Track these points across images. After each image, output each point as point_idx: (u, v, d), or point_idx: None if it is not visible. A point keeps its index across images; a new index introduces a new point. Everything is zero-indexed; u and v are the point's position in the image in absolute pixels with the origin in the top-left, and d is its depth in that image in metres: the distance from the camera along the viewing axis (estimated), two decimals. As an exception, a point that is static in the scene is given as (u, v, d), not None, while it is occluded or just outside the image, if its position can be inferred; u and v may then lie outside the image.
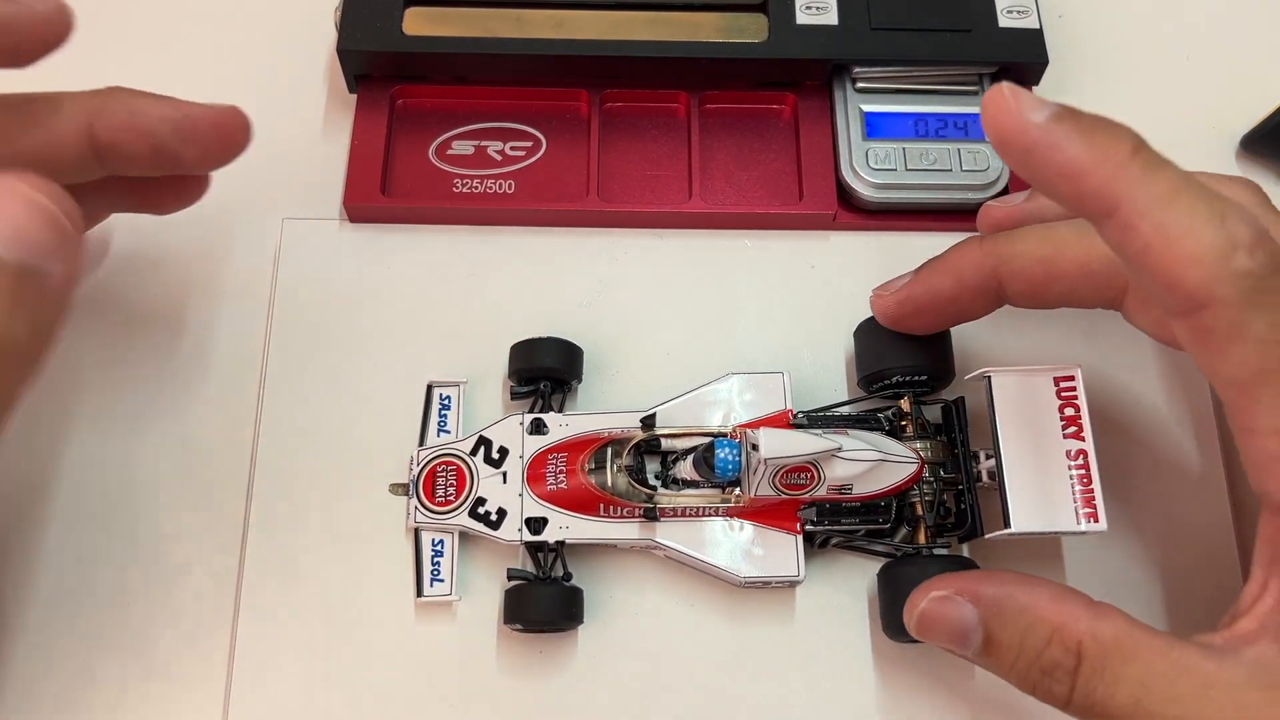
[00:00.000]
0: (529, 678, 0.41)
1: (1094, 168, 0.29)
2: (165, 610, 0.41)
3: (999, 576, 0.35)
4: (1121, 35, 0.54)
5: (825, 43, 0.48)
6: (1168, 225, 0.29)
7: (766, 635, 0.41)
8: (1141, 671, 0.31)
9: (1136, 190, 0.29)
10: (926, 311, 0.41)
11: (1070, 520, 0.37)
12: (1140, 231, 0.29)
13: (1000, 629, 0.34)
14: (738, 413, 0.42)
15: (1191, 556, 0.42)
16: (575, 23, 0.48)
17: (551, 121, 0.49)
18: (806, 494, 0.39)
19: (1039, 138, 0.30)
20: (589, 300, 0.47)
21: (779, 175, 0.49)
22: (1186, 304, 0.30)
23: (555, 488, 0.41)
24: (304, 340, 0.45)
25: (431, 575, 0.41)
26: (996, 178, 0.47)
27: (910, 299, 0.41)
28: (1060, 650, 0.33)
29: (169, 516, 0.43)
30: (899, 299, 0.41)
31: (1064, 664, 0.32)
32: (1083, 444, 0.38)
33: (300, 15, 0.52)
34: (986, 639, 0.34)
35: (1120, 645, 0.32)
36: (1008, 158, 0.31)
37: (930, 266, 0.41)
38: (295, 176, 0.48)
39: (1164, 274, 0.29)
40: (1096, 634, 0.32)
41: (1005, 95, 0.30)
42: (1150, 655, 0.31)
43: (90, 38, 0.52)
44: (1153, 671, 0.31)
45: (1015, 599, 0.34)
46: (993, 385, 0.39)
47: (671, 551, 0.40)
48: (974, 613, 0.34)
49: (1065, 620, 0.33)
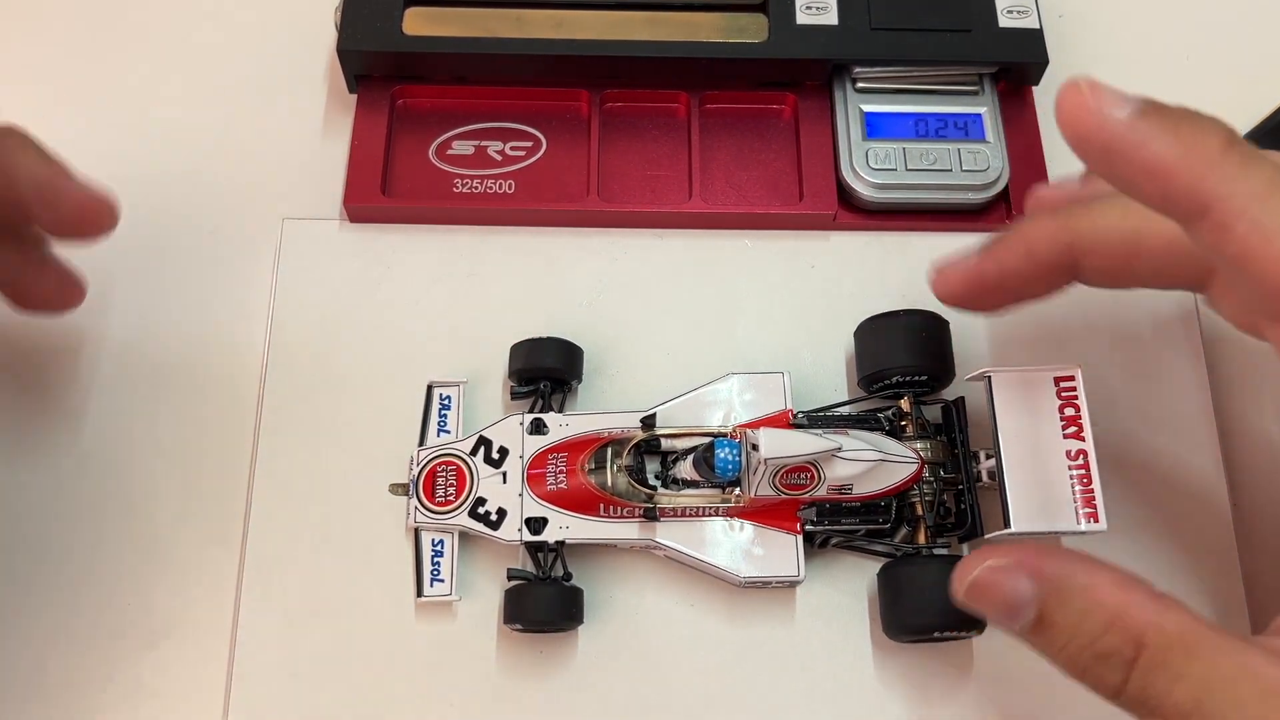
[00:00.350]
0: (529, 678, 0.41)
1: (1183, 165, 0.28)
2: (165, 610, 0.41)
3: (1062, 554, 0.33)
4: (1121, 35, 0.54)
5: (825, 43, 0.48)
6: (1266, 225, 0.27)
7: (766, 635, 0.41)
8: (1205, 670, 0.29)
9: (1231, 188, 0.27)
10: (995, 290, 0.38)
11: (1070, 520, 0.37)
12: (1237, 233, 0.28)
13: (1057, 608, 0.32)
14: (738, 413, 0.42)
15: (1191, 556, 0.42)
16: (575, 23, 0.48)
17: (551, 121, 0.49)
18: (806, 494, 0.39)
19: (1122, 134, 0.28)
20: (589, 300, 0.47)
21: (779, 175, 0.49)
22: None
23: (555, 488, 0.41)
24: (304, 340, 0.45)
25: (431, 575, 0.41)
26: (996, 178, 0.47)
27: (980, 276, 0.38)
28: (1120, 638, 0.31)
29: (169, 516, 0.43)
30: (967, 277, 0.38)
31: (1122, 652, 0.30)
32: (1083, 444, 0.38)
33: (300, 15, 0.52)
34: (1040, 617, 0.32)
35: (1185, 640, 0.30)
36: (1086, 157, 0.29)
37: (1000, 242, 0.38)
38: (295, 176, 0.48)
39: (1264, 277, 0.28)
40: (1161, 625, 0.30)
41: (1083, 90, 0.28)
42: (1215, 655, 0.29)
43: (91, 38, 0.52)
44: (1217, 672, 0.29)
45: (1077, 578, 0.32)
46: (993, 385, 0.39)
47: (671, 551, 0.40)
48: (1031, 587, 0.32)
49: (1129, 607, 0.31)
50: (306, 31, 0.52)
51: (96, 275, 0.42)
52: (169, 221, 0.47)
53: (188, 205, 0.48)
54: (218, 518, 0.43)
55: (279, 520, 0.42)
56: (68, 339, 0.45)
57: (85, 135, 0.49)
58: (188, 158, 0.49)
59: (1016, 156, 0.48)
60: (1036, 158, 0.49)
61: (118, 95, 0.51)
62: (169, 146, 0.49)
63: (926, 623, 0.38)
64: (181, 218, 0.48)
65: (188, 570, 0.42)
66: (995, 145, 0.48)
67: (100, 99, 0.51)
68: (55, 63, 0.51)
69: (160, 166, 0.49)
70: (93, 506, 0.43)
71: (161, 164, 0.49)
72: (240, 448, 0.44)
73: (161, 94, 0.51)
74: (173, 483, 0.43)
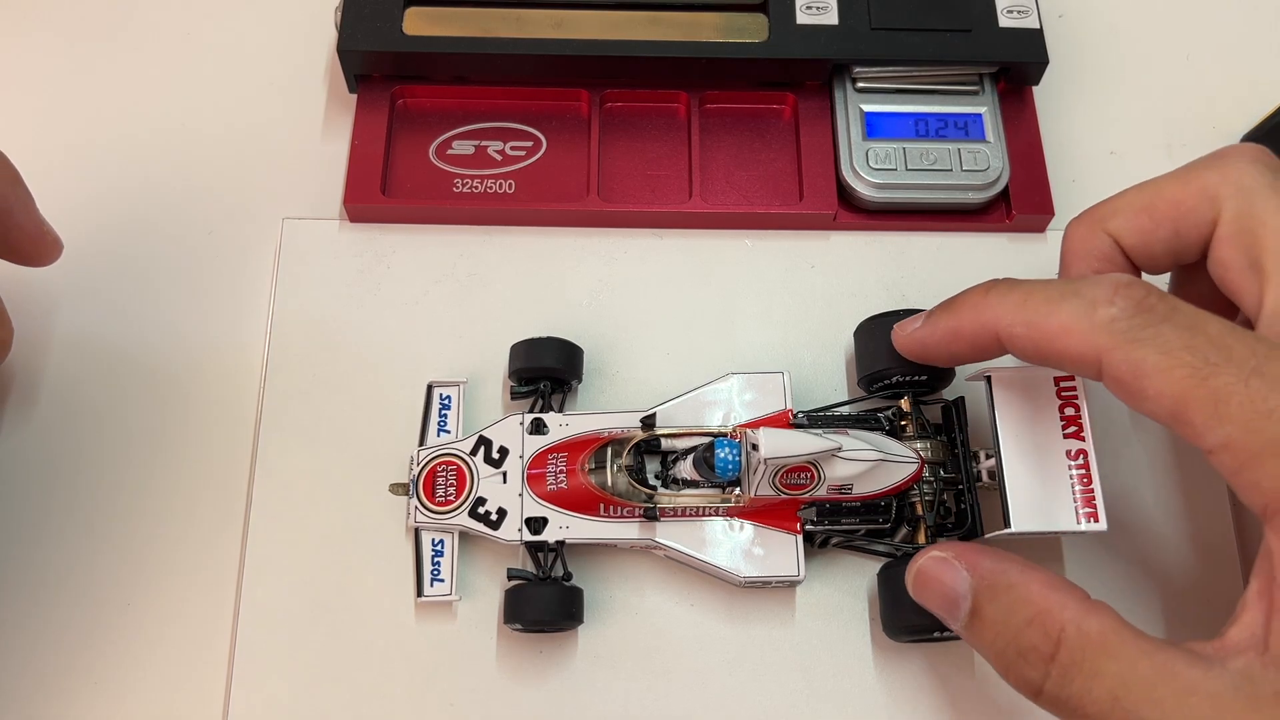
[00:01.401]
0: (529, 678, 0.41)
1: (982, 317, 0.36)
2: (165, 610, 0.41)
3: (1001, 554, 0.35)
4: (1121, 35, 0.54)
5: (825, 43, 0.48)
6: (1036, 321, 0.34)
7: (766, 635, 0.41)
8: (1123, 669, 0.31)
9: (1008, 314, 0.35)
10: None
11: (1070, 520, 0.37)
12: (1020, 336, 0.35)
13: (987, 602, 0.34)
14: (738, 412, 0.42)
15: (1191, 556, 0.42)
16: (575, 23, 0.48)
17: (551, 121, 0.49)
18: (807, 494, 0.39)
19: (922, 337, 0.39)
20: (589, 300, 0.47)
21: (779, 175, 0.49)
22: (1085, 370, 0.33)
23: (555, 488, 0.41)
24: (304, 340, 0.45)
25: (431, 575, 0.41)
26: (997, 178, 0.47)
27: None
28: (1039, 634, 0.32)
29: (168, 516, 0.43)
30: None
31: (1040, 648, 0.32)
32: (1083, 444, 0.38)
33: (300, 15, 0.52)
34: (973, 611, 0.34)
35: (1105, 641, 0.32)
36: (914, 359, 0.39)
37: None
38: (295, 176, 0.49)
39: (1056, 353, 0.34)
40: (1081, 626, 0.32)
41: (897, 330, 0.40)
42: (1134, 655, 0.31)
43: (91, 38, 0.52)
44: (1135, 672, 0.31)
45: (1008, 575, 0.34)
46: (993, 385, 0.39)
47: (671, 551, 0.40)
48: (967, 580, 0.35)
49: (1051, 606, 0.33)
50: (306, 31, 0.52)
51: (97, 275, 0.42)
52: (169, 221, 0.47)
53: (188, 205, 0.48)
54: (218, 518, 0.43)
55: (279, 520, 0.42)
56: (68, 338, 0.45)
57: (85, 136, 0.49)
58: (188, 157, 0.49)
59: (1016, 156, 0.48)
60: (1036, 158, 0.49)
61: (118, 95, 0.51)
62: (169, 146, 0.49)
63: (926, 623, 0.38)
64: (182, 217, 0.48)
65: (188, 570, 0.42)
66: (995, 145, 0.48)
67: (100, 99, 0.51)
68: (55, 63, 0.51)
69: (160, 166, 0.49)
70: (92, 506, 0.43)
71: (162, 164, 0.49)
72: (240, 448, 0.44)
73: (161, 94, 0.51)
74: (173, 483, 0.43)
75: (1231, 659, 0.31)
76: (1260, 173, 0.35)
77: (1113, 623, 0.32)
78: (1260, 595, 0.32)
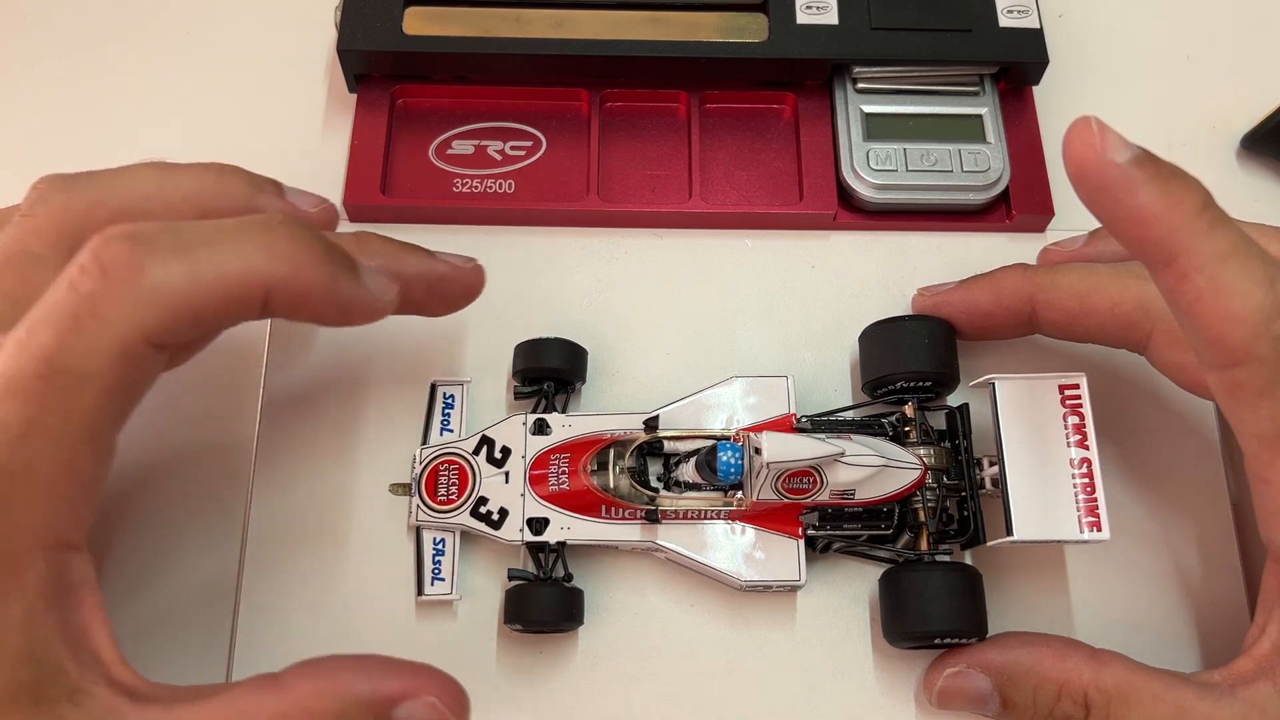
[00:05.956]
0: (529, 678, 0.41)
1: (1163, 216, 0.30)
2: (165, 609, 0.41)
3: (1003, 642, 0.38)
4: (1122, 35, 0.54)
5: (825, 42, 0.48)
6: (1220, 281, 0.30)
7: (767, 639, 0.41)
8: (1143, 715, 0.34)
9: (1198, 244, 0.30)
10: (959, 320, 0.43)
11: (1073, 529, 0.37)
12: (1194, 284, 0.31)
13: (1013, 691, 0.37)
14: (741, 416, 0.42)
15: (1194, 566, 0.42)
16: (575, 23, 0.48)
17: (551, 121, 0.49)
18: (809, 498, 0.39)
19: (1116, 178, 0.30)
20: (589, 301, 0.46)
21: (779, 175, 0.49)
22: (1225, 358, 0.31)
23: (557, 488, 0.41)
24: (305, 339, 0.45)
25: (432, 574, 0.41)
26: (997, 178, 0.47)
27: (950, 303, 0.43)
28: (1070, 704, 0.36)
29: (168, 516, 0.43)
30: (939, 300, 0.43)
31: (1074, 716, 0.35)
32: (1087, 452, 0.38)
33: (300, 15, 0.52)
34: (1003, 702, 0.37)
35: (1122, 691, 0.35)
36: (1081, 190, 0.31)
37: (974, 279, 0.43)
38: (295, 176, 0.48)
39: (1209, 327, 0.31)
40: (1099, 684, 0.35)
41: (1092, 130, 0.30)
42: (1151, 700, 0.34)
43: (92, 38, 0.52)
44: (1154, 715, 0.34)
45: (1020, 663, 0.37)
46: (997, 392, 0.39)
47: (672, 554, 0.40)
48: (987, 681, 0.37)
49: (1069, 676, 0.36)
50: (306, 31, 0.51)
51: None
52: (168, 220, 0.47)
53: (187, 204, 0.48)
54: (218, 518, 0.43)
55: (279, 520, 0.42)
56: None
57: (85, 136, 0.49)
58: (187, 157, 0.48)
59: (1017, 157, 0.48)
60: (1037, 158, 0.49)
61: (118, 96, 0.50)
62: (169, 146, 0.49)
63: (928, 629, 0.38)
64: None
65: (187, 569, 0.42)
66: (996, 145, 0.48)
67: (99, 99, 0.50)
68: (54, 64, 0.51)
69: (159, 165, 0.49)
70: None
71: (161, 163, 0.49)
72: (240, 447, 0.44)
73: (161, 94, 0.51)
74: (173, 482, 0.43)
75: (1241, 688, 0.33)
76: None
77: (1124, 671, 0.35)
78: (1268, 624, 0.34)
